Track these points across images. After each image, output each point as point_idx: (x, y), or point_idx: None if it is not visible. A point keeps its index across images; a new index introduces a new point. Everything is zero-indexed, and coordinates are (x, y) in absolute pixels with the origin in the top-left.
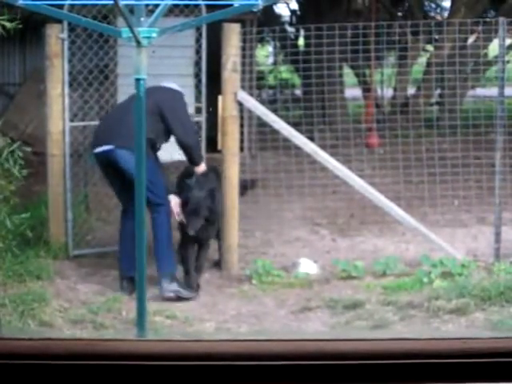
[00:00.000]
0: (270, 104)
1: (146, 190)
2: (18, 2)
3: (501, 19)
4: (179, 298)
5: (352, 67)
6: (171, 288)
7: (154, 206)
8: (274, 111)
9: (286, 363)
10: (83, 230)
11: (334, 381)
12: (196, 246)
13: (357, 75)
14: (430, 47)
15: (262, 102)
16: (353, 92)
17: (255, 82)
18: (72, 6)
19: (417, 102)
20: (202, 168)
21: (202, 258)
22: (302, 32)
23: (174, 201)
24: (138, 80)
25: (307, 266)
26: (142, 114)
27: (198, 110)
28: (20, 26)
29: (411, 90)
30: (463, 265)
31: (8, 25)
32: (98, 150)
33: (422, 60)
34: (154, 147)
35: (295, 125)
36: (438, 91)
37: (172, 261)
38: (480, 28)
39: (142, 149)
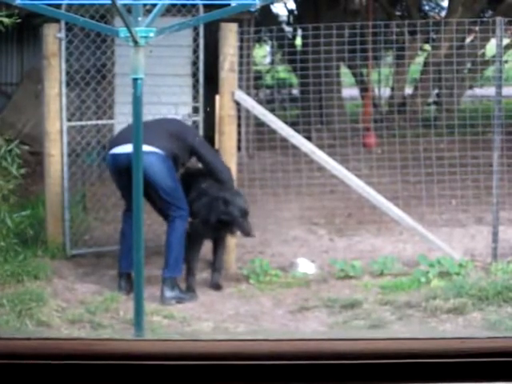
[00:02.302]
0: (268, 104)
1: (167, 195)
2: (16, 1)
3: (498, 19)
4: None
5: (349, 67)
6: (172, 295)
7: (173, 210)
8: (272, 111)
9: (283, 363)
10: (81, 230)
11: (331, 380)
12: (207, 245)
13: (354, 75)
14: (427, 47)
15: (260, 102)
16: (350, 92)
17: (253, 81)
18: (69, 5)
19: (414, 102)
20: None
21: (220, 257)
22: (299, 32)
23: None
24: (135, 80)
25: (305, 266)
26: (140, 115)
27: (196, 110)
28: (18, 22)
29: (409, 90)
30: (461, 264)
31: (6, 20)
32: (119, 150)
33: (420, 60)
34: (175, 161)
35: (293, 124)
36: (436, 91)
37: (179, 266)
38: (477, 28)
39: (140, 148)
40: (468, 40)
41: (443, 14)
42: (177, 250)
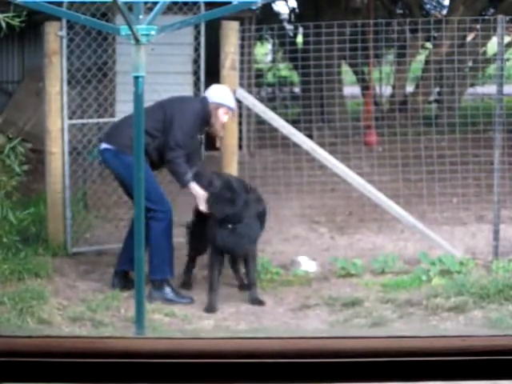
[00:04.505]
0: (269, 102)
1: (131, 193)
2: None
3: (499, 17)
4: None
5: (351, 65)
6: (158, 296)
7: (146, 211)
8: (273, 109)
9: (284, 361)
10: (82, 228)
11: (332, 378)
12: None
13: (355, 73)
14: (428, 45)
15: (261, 100)
16: (351, 90)
17: (254, 79)
18: (71, 3)
19: (415, 100)
20: (194, 191)
21: (251, 272)
22: (300, 30)
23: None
24: (136, 78)
25: (306, 264)
26: (141, 113)
27: None
28: (19, 20)
29: (410, 88)
30: (462, 263)
31: (14, 22)
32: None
33: (421, 58)
34: (147, 154)
35: (294, 122)
36: (437, 89)
37: (166, 267)
38: (479, 26)
39: (141, 146)
40: (469, 38)
41: (444, 12)
42: (158, 251)
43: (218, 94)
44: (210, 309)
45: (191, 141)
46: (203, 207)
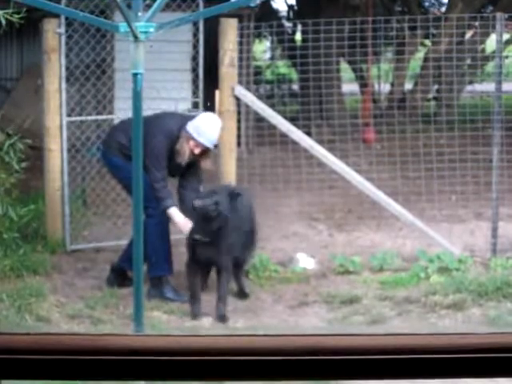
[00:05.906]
0: (268, 99)
1: (126, 192)
2: None
3: (498, 14)
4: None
5: (349, 62)
6: (156, 294)
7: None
8: (272, 106)
9: (282, 358)
10: (80, 225)
11: (330, 376)
12: (206, 270)
13: (354, 70)
14: (427, 42)
15: (260, 97)
16: (350, 87)
17: (252, 76)
18: (69, 0)
19: (414, 98)
20: (174, 218)
21: (222, 285)
22: (299, 27)
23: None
24: (135, 75)
25: (304, 261)
26: (140, 110)
27: (196, 105)
28: (18, 17)
29: (408, 85)
30: (460, 260)
31: (14, 19)
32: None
33: (420, 55)
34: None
35: (292, 120)
36: (436, 86)
37: (162, 265)
38: (477, 23)
39: (139, 144)
40: (468, 35)
41: (443, 9)
42: (154, 249)
43: (198, 126)
44: (193, 316)
45: (170, 160)
46: (185, 232)
